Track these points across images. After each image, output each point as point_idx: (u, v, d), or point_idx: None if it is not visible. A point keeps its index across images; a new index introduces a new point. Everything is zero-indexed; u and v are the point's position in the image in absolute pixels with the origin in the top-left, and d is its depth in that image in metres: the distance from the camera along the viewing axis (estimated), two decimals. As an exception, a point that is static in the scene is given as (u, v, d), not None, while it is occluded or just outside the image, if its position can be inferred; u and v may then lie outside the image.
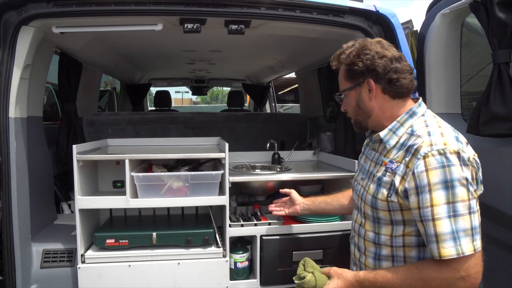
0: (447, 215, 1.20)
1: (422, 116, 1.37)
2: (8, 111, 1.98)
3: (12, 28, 1.95)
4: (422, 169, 1.23)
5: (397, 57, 1.36)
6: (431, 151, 1.23)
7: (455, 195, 1.20)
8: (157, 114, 3.51)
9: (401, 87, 1.36)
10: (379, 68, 1.35)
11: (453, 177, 1.20)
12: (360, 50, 1.38)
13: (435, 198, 1.21)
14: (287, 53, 3.62)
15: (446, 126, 1.33)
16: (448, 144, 1.23)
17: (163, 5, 2.01)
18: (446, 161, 1.21)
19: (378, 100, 1.40)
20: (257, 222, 2.20)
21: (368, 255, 1.46)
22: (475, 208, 1.22)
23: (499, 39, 1.60)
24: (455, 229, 1.20)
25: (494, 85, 1.61)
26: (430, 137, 1.27)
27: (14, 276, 2.02)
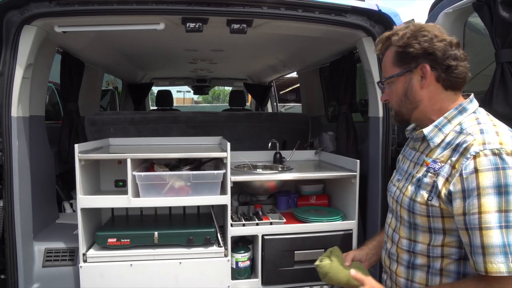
0: (498, 225, 1.05)
1: (473, 113, 1.22)
2: (10, 110, 1.99)
3: (14, 27, 1.95)
4: (472, 170, 1.08)
5: (455, 43, 1.22)
6: (484, 150, 1.08)
7: (509, 202, 1.04)
8: (159, 113, 3.51)
9: (458, 75, 1.21)
10: (438, 52, 1.19)
11: (508, 181, 1.05)
12: (417, 31, 1.23)
13: (484, 204, 1.06)
14: (289, 52, 3.62)
15: (501, 125, 1.17)
16: (505, 143, 1.08)
17: (165, 4, 2.01)
18: (501, 162, 1.06)
19: (430, 89, 1.24)
20: (258, 222, 2.20)
21: (400, 262, 1.33)
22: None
23: (502, 39, 1.59)
24: (507, 242, 1.04)
25: (497, 84, 1.60)
26: (483, 135, 1.12)
27: (16, 275, 2.02)
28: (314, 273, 2.18)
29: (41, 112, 2.41)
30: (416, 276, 1.28)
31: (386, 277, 1.44)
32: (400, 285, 1.34)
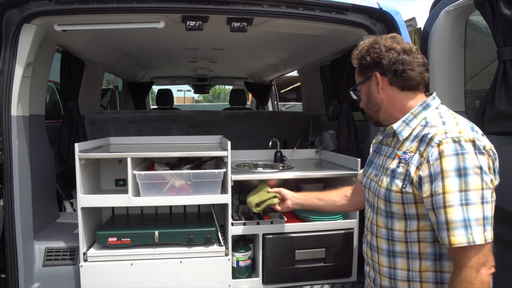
0: (459, 203, 1.20)
1: (436, 109, 1.38)
2: (10, 109, 1.98)
3: (14, 26, 1.94)
4: (437, 157, 1.23)
5: (407, 50, 1.38)
6: (445, 139, 1.23)
7: (468, 183, 1.20)
8: (159, 112, 3.50)
9: (407, 78, 1.37)
10: (384, 61, 1.38)
11: (466, 165, 1.20)
12: (370, 45, 1.43)
13: (447, 185, 1.21)
14: (290, 51, 3.61)
15: (460, 118, 1.33)
16: (463, 132, 1.24)
17: (165, 3, 2.00)
18: (460, 148, 1.21)
19: (387, 92, 1.42)
20: (259, 221, 2.19)
21: (381, 252, 1.44)
22: (489, 199, 1.21)
23: (504, 36, 1.58)
24: (466, 217, 1.19)
25: (499, 82, 1.59)
26: (445, 126, 1.28)
27: (17, 274, 2.02)
28: (315, 273, 2.20)
29: (41, 111, 2.40)
30: (397, 263, 1.39)
31: (369, 269, 1.54)
32: (384, 274, 1.44)
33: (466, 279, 1.20)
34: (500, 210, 1.71)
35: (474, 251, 1.20)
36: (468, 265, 1.20)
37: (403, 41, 1.41)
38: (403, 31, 2.22)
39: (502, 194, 1.68)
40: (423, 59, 1.40)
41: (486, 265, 1.20)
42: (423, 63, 1.39)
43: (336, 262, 2.20)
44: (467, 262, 1.21)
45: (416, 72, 1.37)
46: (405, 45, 1.39)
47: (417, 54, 1.39)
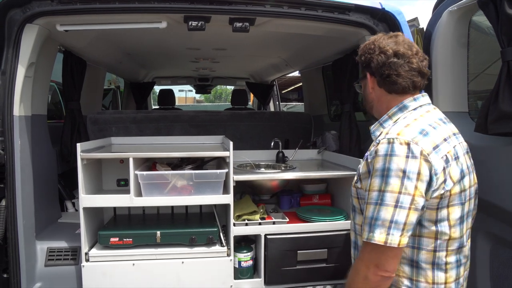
0: (375, 201, 1.24)
1: (413, 110, 1.38)
2: (12, 109, 1.98)
3: (16, 26, 1.94)
4: (373, 155, 1.28)
5: (400, 53, 1.36)
6: (383, 139, 1.28)
7: (387, 184, 1.22)
8: (161, 112, 3.50)
9: (392, 83, 1.38)
10: (372, 63, 1.41)
11: (390, 166, 1.22)
12: (368, 45, 1.44)
13: (372, 183, 1.26)
14: (292, 51, 3.60)
15: (423, 121, 1.32)
16: (401, 134, 1.26)
17: (168, 3, 2.00)
18: (391, 150, 1.24)
19: (376, 93, 1.46)
20: (261, 221, 2.18)
21: (352, 246, 1.52)
22: (406, 204, 1.20)
23: (508, 37, 1.57)
24: (375, 216, 1.23)
25: (503, 83, 1.58)
26: (392, 127, 1.33)
27: (19, 274, 2.02)
28: (317, 273, 2.19)
29: (43, 111, 2.40)
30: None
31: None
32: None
33: (355, 268, 1.28)
34: (504, 212, 1.70)
35: (370, 249, 1.23)
36: (361, 258, 1.27)
37: (404, 42, 1.40)
38: (405, 31, 2.21)
39: (507, 195, 1.68)
40: (419, 63, 1.37)
41: (379, 267, 1.22)
42: (417, 68, 1.37)
43: (338, 263, 2.20)
44: (362, 256, 1.27)
45: (403, 77, 1.36)
46: (401, 47, 1.37)
47: (413, 58, 1.37)
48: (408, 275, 1.32)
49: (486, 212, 1.83)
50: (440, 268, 1.31)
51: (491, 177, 1.77)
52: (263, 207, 2.33)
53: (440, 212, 1.28)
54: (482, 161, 1.84)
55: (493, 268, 1.84)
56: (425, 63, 1.41)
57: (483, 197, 1.81)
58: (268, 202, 2.57)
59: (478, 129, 1.73)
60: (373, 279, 1.22)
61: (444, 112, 1.47)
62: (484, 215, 1.85)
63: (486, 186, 1.80)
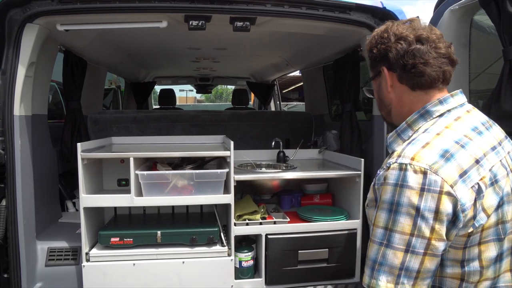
0: (379, 241, 1.01)
1: (439, 117, 1.09)
2: (13, 109, 1.98)
3: (16, 25, 1.94)
4: (381, 182, 1.04)
5: (423, 38, 1.09)
6: (394, 163, 1.01)
7: (396, 222, 0.98)
8: (162, 112, 3.50)
9: (418, 74, 1.09)
10: (390, 54, 1.12)
11: (400, 200, 0.98)
12: (380, 34, 1.16)
13: (377, 217, 1.03)
14: (293, 50, 3.60)
15: (448, 136, 1.03)
16: (417, 159, 0.98)
17: (168, 2, 1.99)
18: (402, 179, 0.98)
19: (397, 92, 1.16)
20: (262, 221, 2.18)
21: None
22: (419, 250, 0.96)
23: (510, 35, 1.56)
24: (379, 260, 1.00)
25: (505, 82, 1.57)
26: (407, 146, 1.04)
27: (20, 274, 2.02)
28: (318, 273, 2.19)
29: (44, 111, 2.40)
30: None
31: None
32: None
33: None
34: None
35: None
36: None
37: (422, 26, 1.13)
38: (407, 31, 2.21)
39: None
40: (447, 49, 1.11)
41: None
42: (445, 53, 1.10)
43: (339, 262, 2.19)
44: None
45: (432, 65, 1.08)
46: (422, 31, 1.10)
47: (439, 43, 1.10)
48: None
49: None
50: None
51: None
52: (264, 207, 2.33)
53: (468, 251, 1.02)
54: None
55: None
56: (452, 48, 1.14)
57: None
58: (269, 202, 2.56)
59: (479, 129, 1.72)
60: None
61: None
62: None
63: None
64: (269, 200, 2.60)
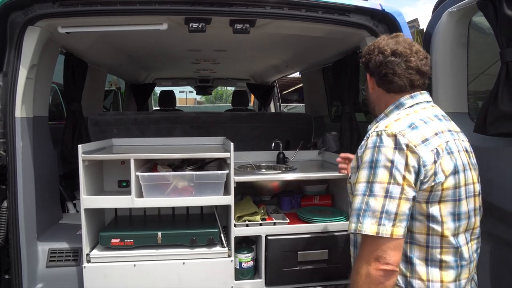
0: (363, 193, 1.24)
1: (409, 108, 1.37)
2: (14, 111, 1.99)
3: (18, 28, 1.95)
4: (363, 149, 1.30)
5: (398, 52, 1.36)
6: (372, 133, 1.29)
7: (376, 175, 1.22)
8: (162, 114, 3.51)
9: (389, 82, 1.39)
10: (371, 64, 1.42)
11: (379, 157, 1.23)
12: (369, 46, 1.46)
13: (360, 175, 1.27)
14: (292, 52, 3.61)
15: (415, 116, 1.32)
16: (389, 127, 1.26)
17: (168, 5, 2.01)
18: (379, 142, 1.25)
19: (376, 93, 1.47)
20: (262, 222, 2.19)
21: (352, 244, 1.49)
22: (396, 195, 1.19)
23: (507, 37, 1.57)
24: (364, 207, 1.22)
25: (502, 84, 1.58)
26: (382, 121, 1.35)
27: (21, 275, 2.02)
28: (318, 274, 2.20)
29: (45, 112, 2.41)
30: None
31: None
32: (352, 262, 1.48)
33: (356, 268, 1.23)
34: (504, 212, 1.71)
35: (368, 243, 1.21)
36: (361, 255, 1.23)
37: (405, 41, 1.39)
38: (405, 32, 2.21)
39: (506, 195, 1.68)
40: (417, 62, 1.36)
41: (380, 260, 1.18)
42: (415, 66, 1.35)
43: (339, 263, 2.20)
44: (361, 253, 1.23)
45: (400, 76, 1.36)
46: (400, 46, 1.37)
47: (411, 57, 1.35)
48: (402, 272, 1.29)
49: (486, 212, 1.84)
50: (434, 265, 1.27)
51: (491, 177, 1.78)
52: (263, 208, 2.33)
53: (431, 206, 1.25)
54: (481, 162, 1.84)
55: (493, 268, 1.84)
56: (425, 61, 1.38)
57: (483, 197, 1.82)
58: (268, 203, 2.57)
59: (477, 130, 1.74)
60: (375, 274, 1.18)
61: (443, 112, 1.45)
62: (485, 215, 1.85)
63: (486, 186, 1.80)
64: (269, 201, 2.61)
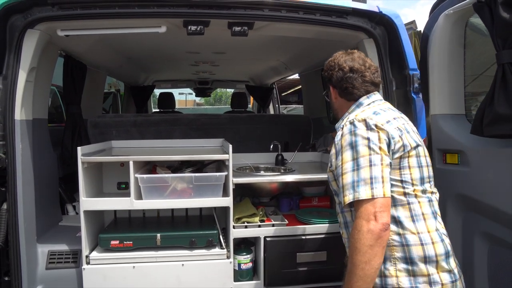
0: (352, 169, 1.43)
1: (367, 106, 1.62)
2: (14, 114, 2.00)
3: (18, 31, 1.96)
4: (340, 137, 1.52)
5: (355, 69, 1.62)
6: (346, 123, 1.52)
7: (358, 152, 1.44)
8: (161, 116, 3.52)
9: (349, 94, 1.64)
10: (333, 79, 1.67)
11: (356, 138, 1.45)
12: (330, 62, 1.71)
13: (344, 157, 1.47)
14: (291, 54, 3.62)
15: (375, 107, 1.58)
16: (359, 115, 1.51)
17: (167, 8, 2.02)
18: (353, 127, 1.48)
19: (339, 101, 1.71)
20: (261, 224, 2.20)
21: (341, 227, 1.65)
22: (377, 162, 1.41)
23: (503, 39, 1.58)
24: (356, 179, 1.41)
25: (498, 85, 1.59)
26: (352, 114, 1.60)
27: (20, 277, 2.03)
28: (316, 275, 2.20)
29: (44, 115, 2.42)
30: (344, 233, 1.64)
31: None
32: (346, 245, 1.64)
33: (356, 227, 1.37)
34: (500, 213, 1.72)
35: (363, 205, 1.38)
36: (359, 216, 1.39)
37: (359, 58, 1.65)
38: (403, 34, 2.23)
39: (503, 196, 1.69)
40: (371, 76, 1.63)
41: (377, 217, 1.36)
42: (369, 80, 1.63)
43: (337, 264, 2.19)
44: (359, 214, 1.39)
45: (358, 88, 1.63)
46: (356, 63, 1.63)
47: (366, 72, 1.62)
48: (396, 231, 1.46)
49: (482, 213, 1.85)
50: (418, 219, 1.47)
51: (487, 178, 1.79)
52: (262, 209, 2.34)
53: (403, 171, 1.48)
54: (478, 163, 1.86)
55: (490, 268, 1.85)
56: (376, 74, 1.66)
57: (479, 198, 1.83)
58: (267, 205, 2.58)
59: (474, 131, 1.75)
60: (376, 229, 1.34)
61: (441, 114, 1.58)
62: (481, 216, 1.86)
63: (482, 187, 1.82)
64: (268, 202, 2.61)
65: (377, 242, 1.34)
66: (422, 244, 1.45)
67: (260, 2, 2.06)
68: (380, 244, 1.35)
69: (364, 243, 1.34)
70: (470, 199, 1.89)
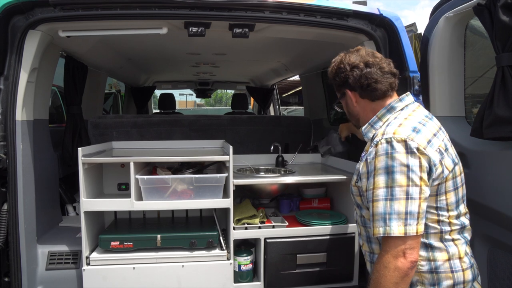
0: (384, 198, 1.32)
1: (401, 110, 1.49)
2: (15, 114, 2.01)
3: (19, 32, 1.97)
4: (373, 156, 1.37)
5: (370, 63, 1.49)
6: (381, 140, 1.37)
7: (394, 180, 1.31)
8: (162, 116, 3.53)
9: (373, 90, 1.50)
10: (349, 80, 1.52)
11: (394, 163, 1.32)
12: (338, 65, 1.56)
13: (376, 181, 1.34)
14: (291, 56, 3.63)
15: (413, 119, 1.43)
16: (397, 133, 1.36)
17: (168, 9, 2.02)
18: (390, 148, 1.33)
19: (361, 104, 1.56)
20: (261, 225, 2.20)
21: (363, 239, 1.59)
22: (415, 195, 1.30)
23: (503, 42, 1.59)
24: (388, 211, 1.31)
25: (498, 88, 1.60)
26: (387, 127, 1.42)
27: (20, 278, 2.03)
28: (316, 277, 2.20)
29: (45, 115, 2.43)
30: (373, 247, 1.54)
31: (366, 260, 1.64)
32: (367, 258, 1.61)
33: (383, 263, 1.31)
34: (500, 215, 1.72)
35: (393, 241, 1.30)
36: (387, 251, 1.31)
37: (367, 53, 1.52)
38: (403, 37, 2.23)
39: (503, 198, 1.69)
40: (389, 66, 1.51)
41: (406, 255, 1.29)
42: (388, 70, 1.50)
43: (338, 266, 2.21)
44: (387, 249, 1.32)
45: (381, 82, 1.49)
46: (368, 57, 1.50)
47: (382, 64, 1.50)
48: (426, 257, 1.41)
49: (483, 215, 1.85)
50: (450, 245, 1.42)
51: (487, 181, 1.79)
52: (262, 211, 2.34)
53: (439, 198, 1.40)
54: (478, 165, 1.86)
55: (491, 270, 1.85)
56: (391, 64, 1.54)
57: (479, 200, 1.83)
58: (267, 206, 2.58)
59: (473, 134, 1.75)
60: (403, 267, 1.28)
61: (441, 116, 1.51)
62: (481, 218, 1.86)
63: (482, 189, 1.82)
64: (268, 204, 2.62)
65: (403, 280, 1.29)
66: (452, 271, 1.41)
67: (261, 4, 2.06)
68: (406, 281, 1.30)
69: (390, 280, 1.28)
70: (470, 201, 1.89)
